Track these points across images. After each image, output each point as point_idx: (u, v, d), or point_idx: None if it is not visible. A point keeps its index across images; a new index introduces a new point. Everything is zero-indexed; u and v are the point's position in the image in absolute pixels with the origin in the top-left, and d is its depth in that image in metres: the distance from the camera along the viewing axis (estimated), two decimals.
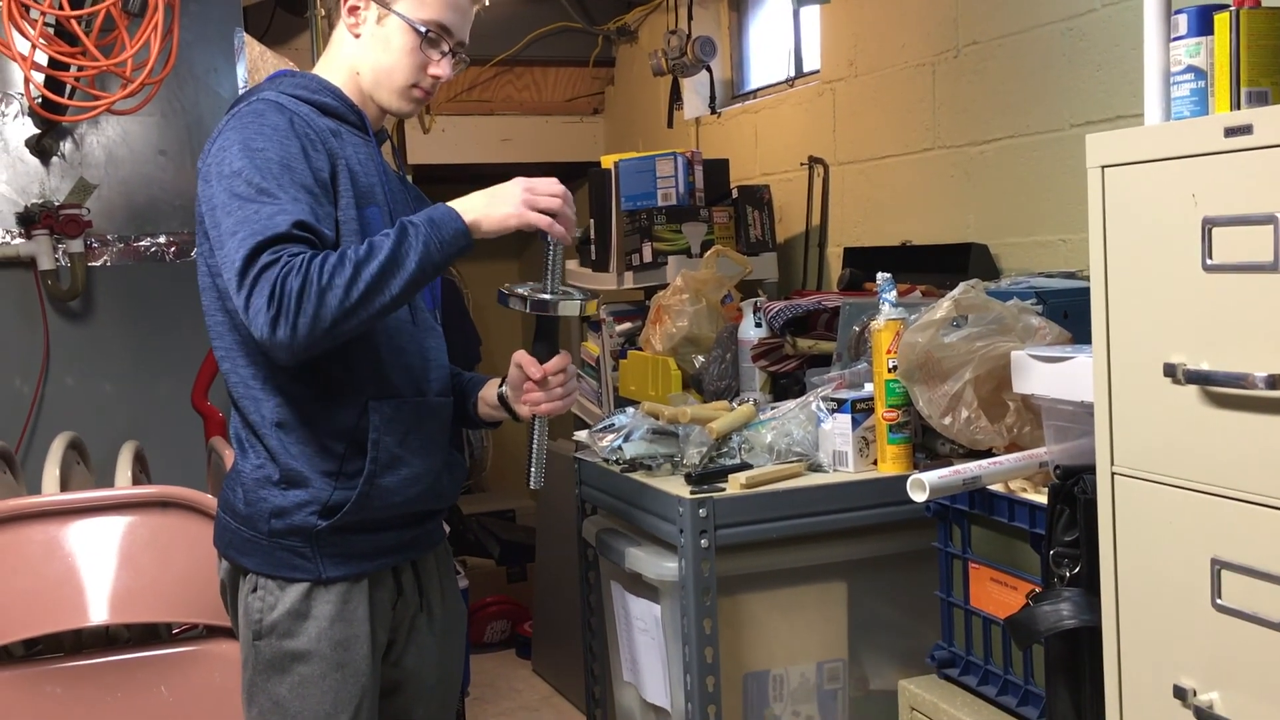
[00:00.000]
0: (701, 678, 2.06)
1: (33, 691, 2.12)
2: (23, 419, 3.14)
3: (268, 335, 1.57)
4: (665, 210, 3.49)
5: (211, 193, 1.68)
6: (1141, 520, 1.45)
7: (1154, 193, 1.39)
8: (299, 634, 1.74)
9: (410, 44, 1.80)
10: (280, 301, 1.55)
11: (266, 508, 1.74)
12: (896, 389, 2.15)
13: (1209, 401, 1.34)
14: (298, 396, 1.75)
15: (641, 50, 4.84)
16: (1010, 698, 1.88)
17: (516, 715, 3.97)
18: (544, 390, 1.86)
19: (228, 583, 1.83)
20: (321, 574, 1.75)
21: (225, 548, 1.81)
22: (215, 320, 1.78)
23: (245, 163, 1.65)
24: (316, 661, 1.75)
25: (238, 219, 1.61)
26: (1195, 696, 1.38)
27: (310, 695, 1.75)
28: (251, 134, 1.68)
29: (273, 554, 1.75)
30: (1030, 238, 2.83)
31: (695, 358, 2.96)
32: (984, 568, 1.93)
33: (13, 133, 3.12)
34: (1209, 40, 1.39)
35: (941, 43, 3.09)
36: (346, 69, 1.84)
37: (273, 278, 1.56)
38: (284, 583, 1.75)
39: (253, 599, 1.76)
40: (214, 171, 1.69)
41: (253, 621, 1.76)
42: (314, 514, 1.74)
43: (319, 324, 1.56)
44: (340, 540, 1.76)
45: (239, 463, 1.80)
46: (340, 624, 1.76)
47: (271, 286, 1.55)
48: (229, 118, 1.75)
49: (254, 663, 1.77)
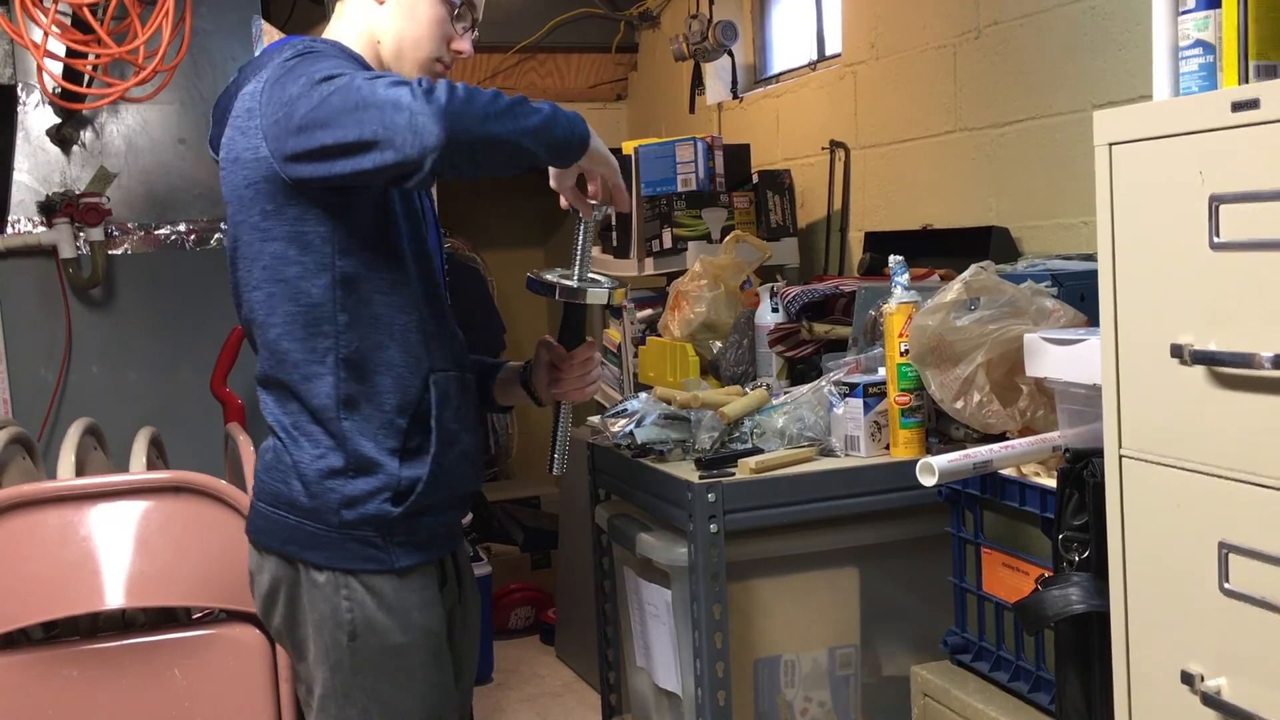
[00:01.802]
0: (711, 663, 2.05)
1: (50, 674, 2.14)
2: (46, 406, 3.17)
3: (428, 110, 1.46)
4: (685, 196, 3.47)
5: (279, 117, 1.57)
6: (1149, 504, 1.43)
7: (1161, 170, 1.36)
8: (395, 628, 1.68)
9: (439, 15, 1.76)
10: (448, 92, 1.48)
11: (335, 499, 1.66)
12: (909, 373, 2.13)
13: (1216, 382, 1.31)
14: (361, 370, 1.67)
15: (664, 35, 4.81)
16: (1022, 684, 1.86)
17: (539, 701, 3.98)
18: (570, 377, 1.85)
19: (281, 579, 1.72)
20: (394, 564, 1.69)
21: (282, 544, 1.70)
22: (267, 293, 1.68)
23: (325, 65, 1.57)
24: (415, 653, 1.70)
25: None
26: (1203, 682, 1.35)
27: (416, 688, 1.71)
28: (312, 64, 1.59)
29: (344, 546, 1.67)
30: (1052, 220, 2.79)
31: (713, 343, 2.95)
32: (996, 553, 1.91)
33: (34, 122, 3.15)
34: (1217, 14, 1.35)
35: (962, 23, 3.06)
36: (365, 36, 1.77)
37: (443, 83, 1.50)
38: (363, 575, 1.68)
39: (337, 599, 1.68)
40: (275, 106, 1.58)
41: (343, 622, 1.67)
42: (387, 501, 1.67)
43: (465, 123, 1.47)
44: (409, 526, 1.70)
45: (291, 454, 1.69)
46: (425, 612, 1.72)
47: (440, 84, 1.49)
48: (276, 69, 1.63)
49: (349, 664, 1.68)
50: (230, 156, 1.69)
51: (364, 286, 1.66)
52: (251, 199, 1.66)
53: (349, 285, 1.65)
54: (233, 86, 1.76)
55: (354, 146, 1.50)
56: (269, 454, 1.74)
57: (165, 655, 2.19)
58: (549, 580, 4.73)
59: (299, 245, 1.64)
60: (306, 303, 1.65)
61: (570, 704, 3.94)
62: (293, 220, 1.64)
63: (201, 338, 3.26)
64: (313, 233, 1.64)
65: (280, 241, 1.65)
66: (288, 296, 1.66)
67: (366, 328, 1.67)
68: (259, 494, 1.75)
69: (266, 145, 1.61)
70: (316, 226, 1.64)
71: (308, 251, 1.64)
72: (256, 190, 1.65)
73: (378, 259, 1.67)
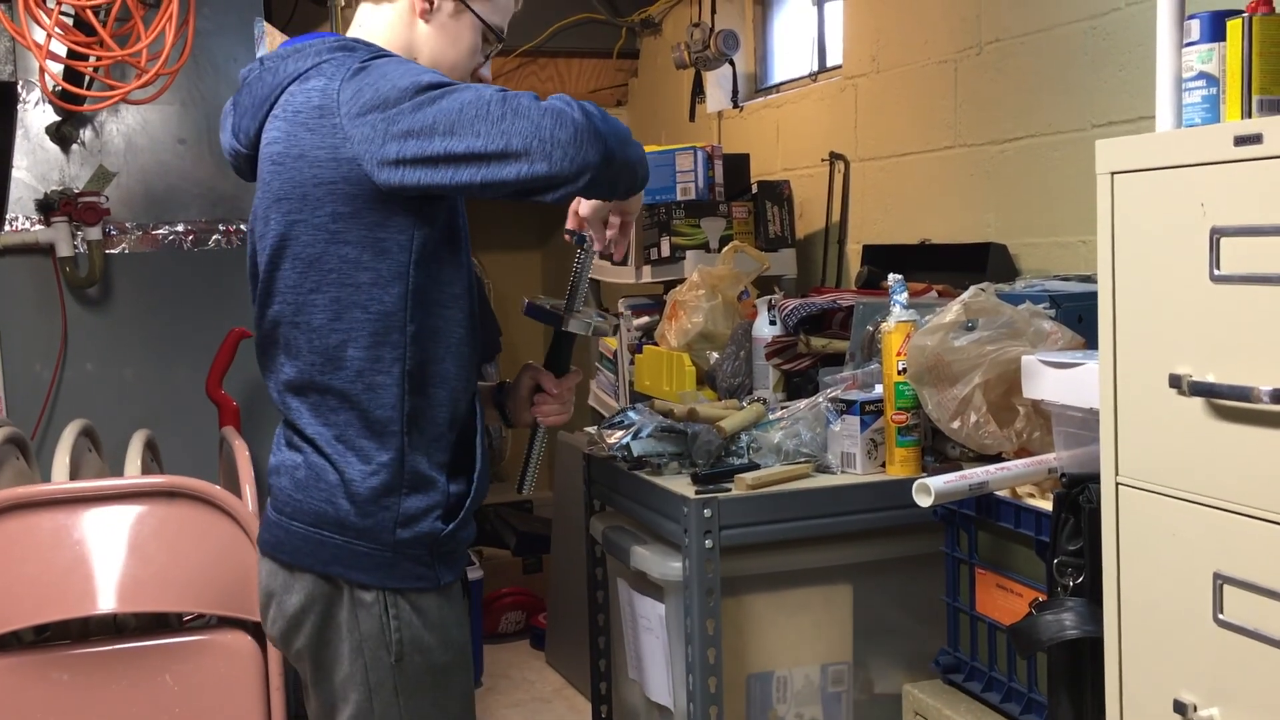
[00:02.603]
0: (704, 678, 2.05)
1: (40, 677, 2.14)
2: (40, 405, 3.17)
3: (590, 135, 1.51)
4: (684, 204, 3.47)
5: (388, 109, 1.54)
6: (1144, 532, 1.44)
7: (1163, 201, 1.37)
8: (438, 646, 1.68)
9: (476, 44, 1.78)
10: (586, 106, 1.53)
11: (390, 517, 1.63)
12: (906, 391, 2.13)
13: (1214, 414, 1.32)
14: (421, 383, 1.65)
15: (665, 42, 4.82)
16: (1014, 705, 1.87)
17: (529, 706, 3.98)
18: (554, 402, 1.86)
19: (316, 599, 1.67)
20: (440, 580, 1.68)
21: (325, 565, 1.65)
22: (332, 297, 1.63)
23: (416, 71, 1.58)
24: (454, 670, 1.70)
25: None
26: (1196, 712, 1.36)
27: (454, 703, 1.71)
28: (397, 64, 1.60)
29: (398, 566, 1.65)
30: (1050, 238, 2.80)
31: (710, 354, 2.94)
32: (990, 573, 1.92)
33: (33, 120, 3.14)
34: (1221, 47, 1.36)
35: (964, 39, 3.06)
36: (405, 49, 1.75)
37: (547, 103, 1.53)
38: (411, 594, 1.66)
39: (385, 619, 1.65)
40: (371, 101, 1.55)
41: (390, 643, 1.65)
42: (438, 518, 1.66)
43: (616, 138, 1.54)
44: (450, 543, 1.69)
45: (338, 470, 1.64)
46: (460, 628, 1.72)
47: (565, 103, 1.53)
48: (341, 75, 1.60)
49: (393, 685, 1.66)
50: (293, 153, 1.62)
51: (430, 297, 1.65)
52: (321, 199, 1.60)
53: (419, 295, 1.63)
54: (267, 75, 1.69)
55: (493, 155, 1.52)
56: (301, 470, 1.67)
57: (157, 660, 2.19)
58: (540, 584, 4.73)
59: (374, 251, 1.60)
60: (378, 310, 1.61)
61: (560, 710, 3.94)
62: (370, 225, 1.60)
63: (198, 339, 3.26)
64: (391, 240, 1.60)
65: (353, 246, 1.60)
66: (357, 303, 1.62)
67: (428, 340, 1.65)
68: (293, 514, 1.68)
69: (352, 146, 1.56)
70: (396, 235, 1.60)
71: (383, 258, 1.61)
72: (330, 191, 1.60)
73: (444, 270, 1.66)
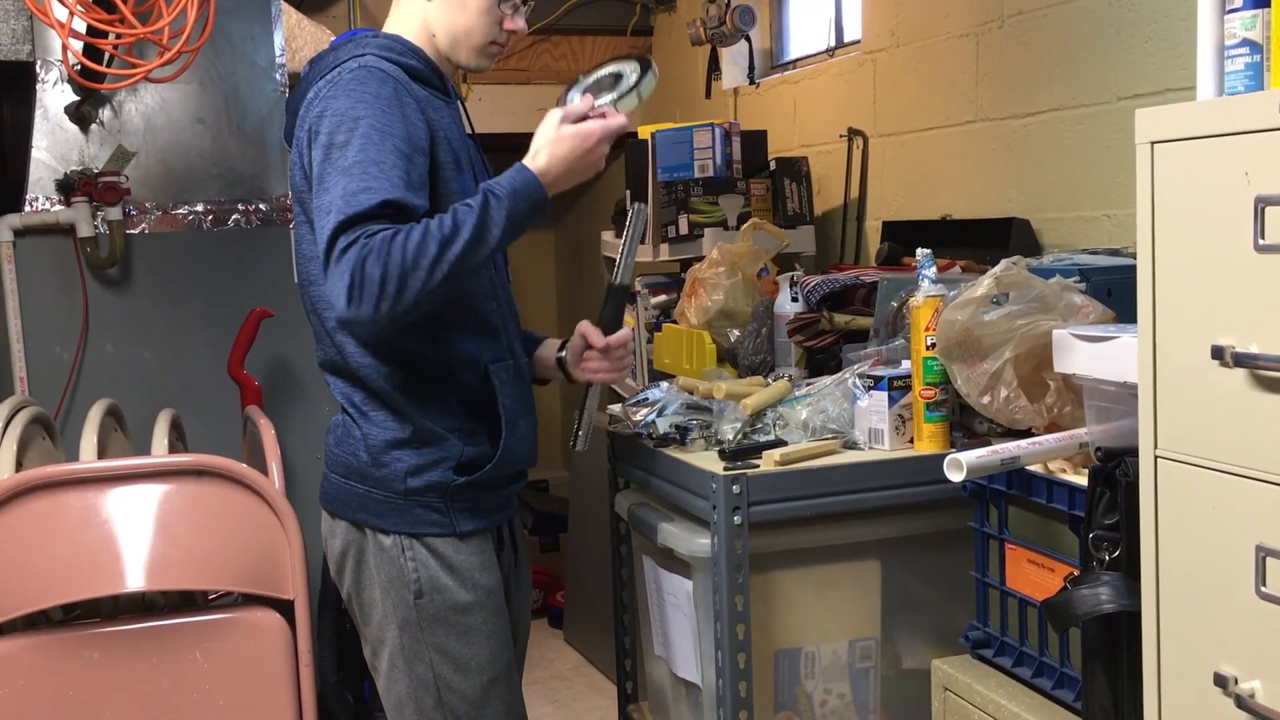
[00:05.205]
0: (733, 654, 2.05)
1: (70, 655, 2.14)
2: (62, 385, 3.17)
3: (347, 315, 1.60)
4: (702, 182, 3.46)
5: (311, 160, 1.72)
6: (1184, 505, 1.43)
7: (1205, 170, 1.35)
8: (458, 586, 1.82)
9: (486, 3, 1.84)
10: (361, 285, 1.58)
11: (401, 467, 1.79)
12: (934, 367, 2.12)
13: (1258, 385, 1.30)
14: (419, 361, 1.79)
15: (680, 19, 4.79)
16: (1045, 680, 1.86)
17: (548, 684, 3.99)
18: (604, 359, 1.96)
19: (350, 544, 1.85)
20: (456, 528, 1.82)
21: (353, 511, 1.84)
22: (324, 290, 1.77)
23: (344, 134, 1.67)
24: (478, 610, 1.84)
25: (330, 196, 1.64)
26: (1236, 685, 1.35)
27: (479, 642, 1.84)
28: (353, 101, 1.69)
29: (410, 512, 1.81)
30: (1074, 213, 2.78)
31: (730, 332, 2.94)
32: (1021, 549, 1.91)
33: (52, 100, 3.13)
34: (1265, 13, 1.34)
35: (985, 12, 3.04)
36: (422, 30, 1.86)
37: (352, 260, 1.58)
38: (427, 539, 1.81)
39: (404, 560, 1.81)
40: (312, 139, 1.72)
41: (410, 581, 1.81)
42: (450, 469, 1.81)
43: (400, 305, 1.61)
44: (470, 495, 1.83)
45: (358, 427, 1.82)
46: (486, 574, 1.86)
47: (351, 270, 1.58)
48: (327, 83, 1.75)
49: (417, 621, 1.82)
50: (293, 157, 1.80)
51: None
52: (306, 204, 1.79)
53: None
54: (304, 83, 1.84)
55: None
56: (339, 428, 1.87)
57: (187, 638, 2.20)
58: (557, 564, 4.74)
59: None
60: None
61: (579, 688, 3.96)
62: None
63: (219, 319, 3.26)
64: None
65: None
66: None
67: (445, 315, 1.77)
68: (331, 465, 1.88)
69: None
70: None
71: None
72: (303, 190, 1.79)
73: None
